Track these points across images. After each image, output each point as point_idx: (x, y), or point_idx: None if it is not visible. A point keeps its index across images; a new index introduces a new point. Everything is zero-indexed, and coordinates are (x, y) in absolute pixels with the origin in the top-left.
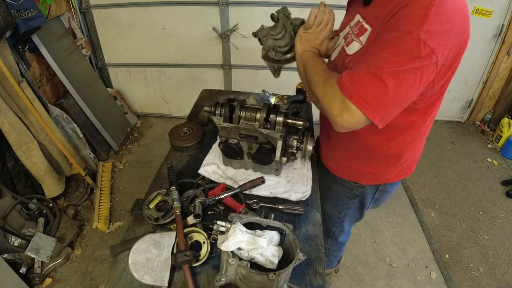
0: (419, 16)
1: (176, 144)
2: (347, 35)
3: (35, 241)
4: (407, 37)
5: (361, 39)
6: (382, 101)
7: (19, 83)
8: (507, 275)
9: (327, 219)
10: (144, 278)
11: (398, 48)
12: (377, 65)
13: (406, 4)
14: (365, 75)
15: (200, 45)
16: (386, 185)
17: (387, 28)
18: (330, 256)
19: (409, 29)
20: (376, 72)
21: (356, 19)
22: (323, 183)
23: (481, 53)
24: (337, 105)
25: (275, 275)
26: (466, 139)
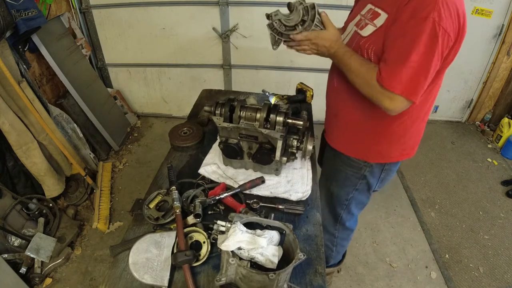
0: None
1: (176, 144)
2: (360, 21)
3: (35, 241)
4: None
5: (375, 22)
6: (418, 85)
7: (19, 83)
8: (507, 275)
9: (335, 202)
10: (144, 278)
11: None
12: (406, 56)
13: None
14: (400, 69)
15: (200, 45)
16: (391, 164)
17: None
18: (338, 246)
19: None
20: (408, 63)
21: (368, 8)
22: (330, 165)
23: (481, 53)
24: (387, 100)
25: (275, 274)
26: (466, 139)
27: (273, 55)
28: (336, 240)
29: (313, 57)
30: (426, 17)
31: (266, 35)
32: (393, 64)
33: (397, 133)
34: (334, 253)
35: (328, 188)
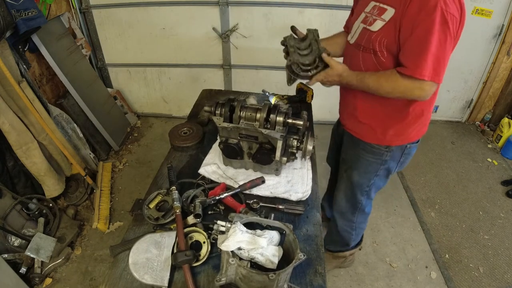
0: None
1: (176, 144)
2: (366, 18)
3: (35, 241)
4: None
5: (383, 17)
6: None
7: (19, 83)
8: (507, 275)
9: (356, 189)
10: (144, 278)
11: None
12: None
13: None
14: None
15: (200, 45)
16: (410, 148)
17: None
18: (357, 229)
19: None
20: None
21: (371, 5)
22: (351, 154)
23: (481, 53)
24: (418, 90)
25: (275, 274)
26: (466, 139)
27: (273, 55)
28: (355, 224)
29: None
30: (435, 7)
31: (266, 35)
32: (415, 55)
33: (416, 114)
34: (354, 236)
35: (349, 178)
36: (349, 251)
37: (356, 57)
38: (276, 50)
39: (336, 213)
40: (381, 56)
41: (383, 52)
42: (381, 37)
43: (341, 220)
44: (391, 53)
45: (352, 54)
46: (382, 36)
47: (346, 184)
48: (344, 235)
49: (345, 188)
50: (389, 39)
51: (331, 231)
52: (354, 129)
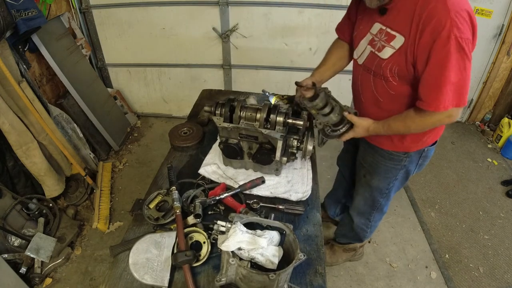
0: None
1: (176, 144)
2: (373, 41)
3: (35, 241)
4: (448, 42)
5: (392, 44)
6: (463, 93)
7: (19, 83)
8: (507, 275)
9: (375, 193)
10: (144, 278)
11: (448, 54)
12: (443, 77)
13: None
14: (441, 91)
15: (200, 45)
16: (428, 151)
17: (425, 38)
18: (372, 227)
19: (446, 34)
20: (446, 83)
21: (378, 27)
22: (369, 160)
23: (481, 53)
24: (446, 119)
25: (276, 275)
26: (466, 139)
27: (273, 55)
28: (371, 223)
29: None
30: (449, 36)
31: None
32: (433, 89)
33: None
34: (368, 233)
35: (368, 182)
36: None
37: (367, 81)
38: (276, 50)
39: (353, 212)
40: (392, 81)
41: (394, 77)
42: (391, 65)
43: (358, 218)
44: (402, 79)
45: (363, 78)
46: (392, 64)
47: (365, 189)
48: (359, 232)
49: (364, 192)
50: (400, 66)
51: (344, 226)
52: (371, 137)
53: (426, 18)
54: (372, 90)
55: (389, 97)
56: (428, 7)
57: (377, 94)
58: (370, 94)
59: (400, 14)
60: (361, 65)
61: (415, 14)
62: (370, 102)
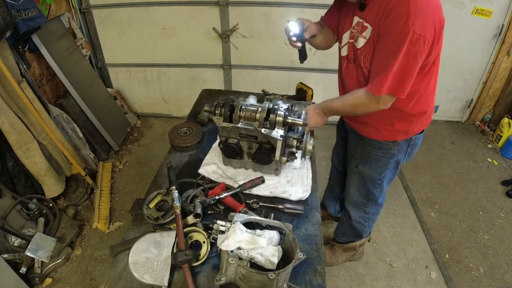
0: (404, 14)
1: (176, 144)
2: (352, 33)
3: (35, 241)
4: (400, 34)
5: (364, 34)
6: (401, 84)
7: (19, 83)
8: (507, 275)
9: (368, 183)
10: (144, 278)
11: (399, 46)
12: (387, 65)
13: (392, 7)
14: (383, 76)
15: (200, 45)
16: (416, 139)
17: (384, 30)
18: (370, 221)
19: (401, 26)
20: (389, 70)
21: (356, 21)
22: (360, 150)
23: (481, 53)
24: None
25: (275, 274)
26: (466, 139)
27: (273, 55)
28: (368, 216)
29: (313, 57)
30: (402, 29)
31: (265, 35)
32: (377, 74)
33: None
34: (366, 228)
35: (360, 172)
36: (359, 241)
37: (352, 71)
38: (276, 50)
39: (348, 206)
40: (366, 71)
41: (367, 67)
42: (365, 53)
43: (355, 212)
44: None
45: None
46: (366, 52)
47: (357, 179)
48: (357, 227)
49: (357, 183)
50: (371, 54)
51: (343, 223)
52: (360, 128)
53: (390, 9)
54: (355, 78)
55: None
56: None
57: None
58: (354, 83)
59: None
60: (345, 57)
61: (381, 5)
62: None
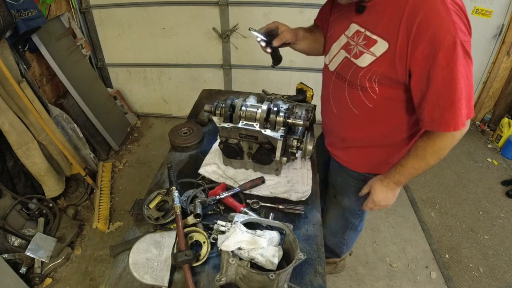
0: (449, 23)
1: (176, 144)
2: (349, 46)
3: (35, 241)
4: (454, 49)
5: (372, 50)
6: (472, 100)
7: (19, 83)
8: (507, 275)
9: (347, 213)
10: (144, 278)
11: (455, 63)
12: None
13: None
14: (457, 106)
15: (200, 45)
16: None
17: (423, 47)
18: (349, 244)
19: (451, 40)
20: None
21: (354, 29)
22: (340, 181)
23: (481, 53)
24: (458, 136)
25: (276, 274)
26: (466, 139)
27: None
28: (346, 241)
29: (313, 57)
30: (454, 43)
31: None
32: (446, 109)
33: (405, 143)
34: (345, 250)
35: (339, 203)
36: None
37: (340, 91)
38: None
39: (325, 231)
40: (371, 92)
41: (374, 88)
42: (371, 74)
43: (332, 238)
44: (384, 86)
45: (336, 87)
46: (372, 73)
47: (336, 209)
48: (335, 249)
49: (335, 212)
50: (381, 75)
51: None
52: (342, 157)
53: (422, 22)
54: (347, 101)
55: (366, 110)
56: (422, 9)
57: (352, 106)
58: (344, 106)
59: (383, 14)
60: (333, 72)
61: (404, 15)
62: (344, 115)
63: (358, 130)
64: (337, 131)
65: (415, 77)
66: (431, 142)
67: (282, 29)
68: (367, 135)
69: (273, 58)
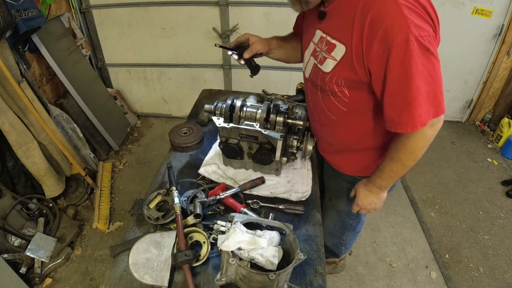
0: (400, 20)
1: (176, 144)
2: (315, 52)
3: (35, 241)
4: (407, 45)
5: (333, 55)
6: (437, 99)
7: (19, 83)
8: (507, 275)
9: (343, 216)
10: (144, 278)
11: (410, 60)
12: (411, 89)
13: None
14: (414, 105)
15: (200, 45)
16: None
17: (377, 47)
18: (347, 244)
19: (403, 37)
20: (417, 94)
21: (318, 35)
22: (334, 184)
23: (481, 53)
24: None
25: (276, 275)
26: (466, 139)
27: None
28: (345, 241)
29: None
30: (407, 39)
31: (265, 35)
32: (402, 109)
33: None
34: (344, 250)
35: (335, 207)
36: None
37: (315, 96)
38: None
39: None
40: (342, 96)
41: (344, 92)
42: (336, 78)
43: (331, 239)
44: (353, 90)
45: (312, 93)
46: (337, 76)
47: (332, 212)
48: (334, 249)
49: (332, 215)
50: (345, 76)
51: None
52: (332, 161)
53: (372, 21)
54: (322, 106)
55: (342, 114)
56: (373, 8)
57: (328, 112)
58: (321, 112)
59: (338, 18)
60: (308, 79)
61: (355, 17)
62: (324, 120)
63: (339, 134)
64: (322, 136)
65: (373, 77)
66: (401, 143)
67: (252, 40)
68: (348, 139)
69: (250, 68)
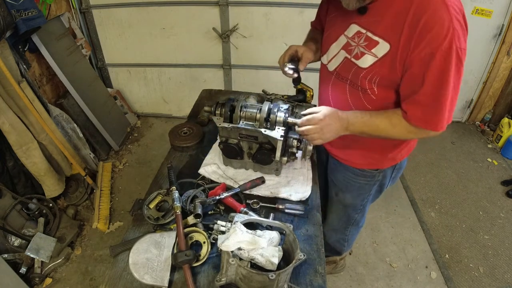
0: (448, 27)
1: (176, 144)
2: (349, 46)
3: (35, 241)
4: (449, 54)
5: (374, 51)
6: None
7: (19, 83)
8: (507, 275)
9: (350, 210)
10: (144, 278)
11: (448, 67)
12: (444, 95)
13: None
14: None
15: (200, 45)
16: (401, 163)
17: (422, 48)
18: (350, 240)
19: (448, 45)
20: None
21: (354, 29)
22: (341, 178)
23: (481, 53)
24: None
25: (276, 275)
26: (466, 139)
27: (273, 55)
28: (347, 237)
29: None
30: (450, 48)
31: (265, 35)
32: (433, 109)
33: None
34: (346, 247)
35: (341, 201)
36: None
37: (341, 90)
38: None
39: (327, 230)
40: (371, 94)
41: (373, 89)
42: (372, 75)
43: (334, 236)
44: (383, 88)
45: (336, 86)
46: (374, 73)
47: (338, 207)
48: (336, 246)
49: (337, 210)
50: (382, 76)
51: None
52: (341, 155)
53: (425, 25)
54: (348, 100)
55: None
56: (427, 12)
57: (353, 106)
58: (344, 106)
59: (386, 17)
60: (333, 72)
61: (407, 19)
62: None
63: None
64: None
65: (408, 77)
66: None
67: (301, 51)
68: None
69: (297, 80)
